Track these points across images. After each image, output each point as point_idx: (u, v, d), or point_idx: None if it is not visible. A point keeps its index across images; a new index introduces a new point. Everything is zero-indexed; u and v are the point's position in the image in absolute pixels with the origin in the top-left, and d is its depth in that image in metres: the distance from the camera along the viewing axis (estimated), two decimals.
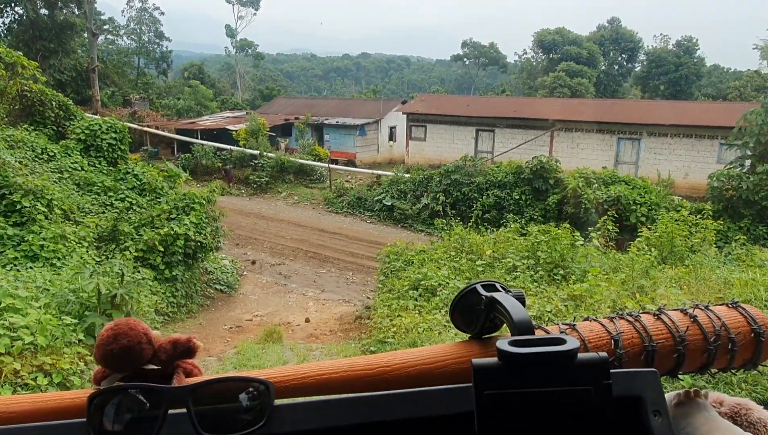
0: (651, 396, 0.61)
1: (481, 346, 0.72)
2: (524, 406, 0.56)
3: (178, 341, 0.71)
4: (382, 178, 24.21)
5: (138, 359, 0.69)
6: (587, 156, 23.62)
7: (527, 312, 0.64)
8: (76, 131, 14.42)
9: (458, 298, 0.73)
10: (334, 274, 15.97)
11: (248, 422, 0.61)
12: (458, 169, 20.57)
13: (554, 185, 19.48)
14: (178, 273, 10.23)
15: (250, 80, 69.63)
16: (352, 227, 20.93)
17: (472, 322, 0.73)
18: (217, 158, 27.39)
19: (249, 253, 17.56)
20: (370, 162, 30.37)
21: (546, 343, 0.58)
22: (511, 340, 0.58)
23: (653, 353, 0.72)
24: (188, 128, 31.46)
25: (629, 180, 18.38)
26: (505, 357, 0.57)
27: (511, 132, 25.76)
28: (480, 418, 0.56)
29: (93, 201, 11.53)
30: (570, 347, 0.57)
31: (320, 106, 34.35)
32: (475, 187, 20.20)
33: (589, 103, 27.98)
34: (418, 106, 28.81)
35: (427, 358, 0.71)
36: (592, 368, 0.56)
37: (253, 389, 0.63)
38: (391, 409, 0.63)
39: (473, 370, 0.57)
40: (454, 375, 0.69)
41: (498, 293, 0.69)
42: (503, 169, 20.63)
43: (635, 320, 0.75)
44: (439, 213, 20.96)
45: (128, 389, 0.62)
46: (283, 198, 25.18)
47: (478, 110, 27.03)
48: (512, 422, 0.56)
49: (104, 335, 0.69)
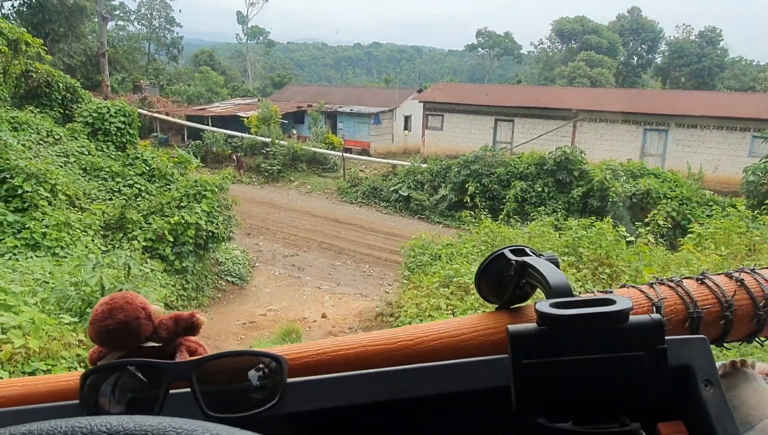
0: (701, 365, 0.55)
1: (510, 317, 0.66)
2: (568, 375, 0.49)
3: (180, 317, 0.66)
4: (397, 168, 23.50)
5: (136, 336, 0.63)
6: (611, 147, 22.77)
7: (564, 275, 0.56)
8: (84, 114, 13.84)
9: (485, 265, 0.66)
10: (349, 267, 15.32)
11: (259, 401, 0.56)
12: (478, 160, 19.80)
13: (579, 177, 18.69)
14: (188, 264, 9.59)
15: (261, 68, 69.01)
16: (367, 218, 20.27)
17: (500, 290, 0.66)
18: (228, 145, 26.77)
19: (261, 244, 16.95)
20: (384, 151, 29.65)
21: (592, 304, 0.51)
22: (552, 302, 0.51)
23: (698, 320, 0.65)
24: (199, 115, 30.85)
25: (658, 173, 17.56)
26: (546, 321, 0.50)
27: (531, 122, 24.92)
28: (518, 390, 0.50)
29: (100, 187, 10.90)
30: (621, 307, 0.50)
31: (333, 93, 33.59)
32: (496, 179, 19.44)
33: (613, 92, 27.02)
34: (435, 95, 27.97)
35: (453, 330, 0.65)
36: (645, 332, 0.50)
37: (263, 365, 0.57)
38: (416, 384, 0.58)
39: (510, 337, 0.51)
40: (482, 348, 0.63)
41: (529, 257, 0.61)
42: (525, 159, 19.85)
43: (677, 286, 0.68)
44: (460, 205, 20.28)
45: (125, 366, 0.56)
46: (295, 187, 24.54)
47: (498, 99, 26.17)
48: (554, 394, 0.49)
49: (99, 310, 0.63)
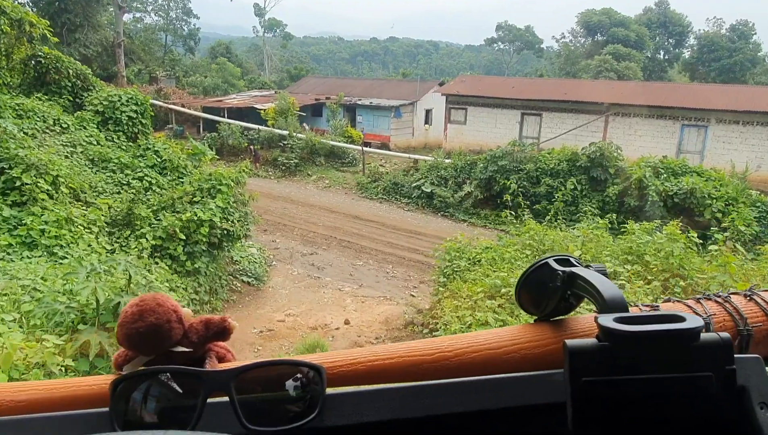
0: (757, 386, 0.51)
1: (554, 330, 0.62)
2: (630, 395, 0.46)
3: (211, 321, 0.64)
4: (419, 163, 22.54)
5: (166, 340, 0.60)
6: (645, 144, 21.58)
7: (618, 287, 0.52)
8: (94, 102, 13.08)
9: (527, 275, 0.63)
10: (372, 267, 14.44)
11: (298, 413, 0.53)
12: (506, 155, 18.77)
13: (614, 175, 17.60)
14: (201, 265, 8.75)
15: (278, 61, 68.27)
16: (389, 215, 19.36)
17: (542, 301, 0.62)
18: (244, 138, 25.99)
19: (278, 241, 16.13)
20: (404, 146, 28.66)
21: (660, 320, 0.48)
22: (617, 317, 0.48)
23: (749, 338, 0.61)
24: (215, 106, 30.10)
25: (701, 171, 16.40)
26: (610, 337, 0.47)
27: (560, 116, 23.78)
28: (576, 409, 0.47)
29: (107, 179, 10.10)
30: (692, 326, 0.47)
31: (352, 86, 32.65)
32: (525, 175, 18.39)
33: (649, 86, 25.75)
34: (458, 87, 26.88)
35: (493, 343, 0.62)
36: (714, 351, 0.47)
37: (301, 375, 0.55)
38: (462, 398, 0.55)
39: (568, 353, 0.48)
40: (523, 361, 0.60)
41: (577, 268, 0.58)
42: (556, 155, 18.77)
43: (725, 301, 0.65)
44: (486, 202, 19.28)
45: (159, 373, 0.53)
46: (313, 181, 23.70)
47: (524, 92, 25.03)
48: (615, 414, 0.46)
49: (129, 312, 0.61)
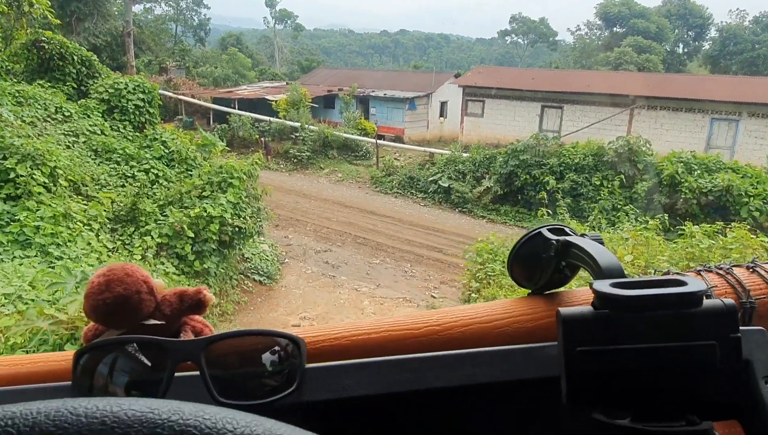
0: (761, 359, 0.49)
1: (548, 302, 0.60)
2: (629, 366, 0.43)
3: (186, 293, 0.61)
4: (435, 157, 21.78)
5: (136, 312, 0.58)
6: (673, 138, 20.69)
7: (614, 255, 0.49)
8: (99, 90, 12.42)
9: (519, 245, 0.60)
10: (389, 266, 13.74)
11: (275, 387, 0.50)
12: (528, 149, 17.96)
13: (643, 171, 16.76)
14: (210, 265, 8.10)
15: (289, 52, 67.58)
16: (405, 210, 18.64)
17: (536, 273, 0.60)
18: (255, 130, 25.33)
19: (290, 237, 15.46)
20: (418, 139, 27.90)
21: (660, 284, 0.44)
22: (613, 282, 0.45)
23: (752, 311, 0.61)
24: (225, 97, 29.47)
25: (737, 167, 15.53)
26: (607, 302, 0.44)
27: (582, 109, 22.90)
28: (570, 381, 0.44)
29: (111, 171, 9.45)
30: (695, 289, 0.43)
31: (365, 77, 31.86)
32: (548, 170, 17.59)
33: (675, 78, 24.80)
34: (476, 79, 26.04)
35: (484, 316, 0.60)
36: (718, 319, 0.44)
37: (279, 348, 0.52)
38: (449, 372, 0.52)
39: (561, 322, 0.45)
40: (516, 335, 0.58)
41: (572, 237, 0.56)
42: (581, 149, 17.94)
43: (727, 273, 0.64)
44: (505, 198, 18.51)
45: (124, 343, 0.51)
46: (325, 175, 23.01)
47: (545, 84, 24.16)
48: (613, 386, 0.44)
49: (95, 282, 0.57)
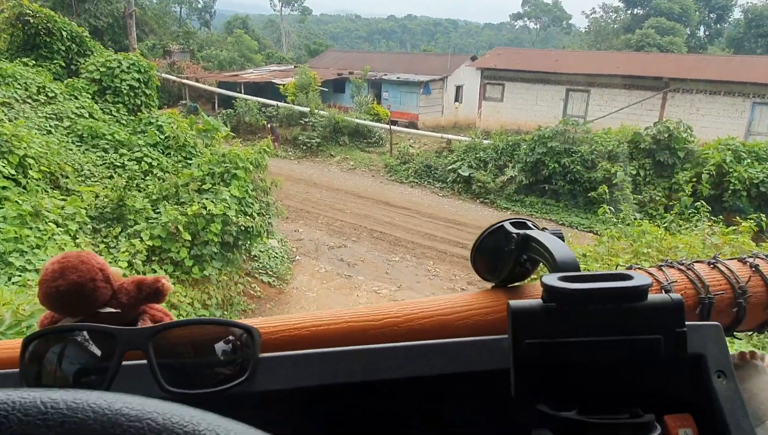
0: (714, 354, 0.52)
1: (508, 295, 0.62)
2: (575, 358, 0.45)
3: (144, 282, 0.61)
4: (453, 144, 20.45)
5: (91, 300, 0.58)
6: (709, 124, 19.25)
7: (571, 250, 0.51)
8: (90, 69, 11.18)
9: (482, 238, 0.61)
10: (410, 264, 12.51)
11: (227, 376, 0.50)
12: (557, 135, 16.59)
13: (684, 159, 15.40)
14: (211, 272, 6.87)
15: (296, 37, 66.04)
16: (423, 201, 17.36)
17: (498, 266, 0.61)
18: (262, 115, 24.04)
19: (301, 231, 14.25)
20: (432, 125, 26.52)
21: (605, 278, 0.46)
22: (561, 276, 0.46)
23: (710, 306, 0.61)
24: (231, 81, 28.15)
25: None
26: (554, 295, 0.45)
27: (610, 93, 21.45)
28: (518, 373, 0.45)
29: (98, 160, 8.26)
30: (639, 283, 0.45)
31: (377, 60, 30.42)
32: (579, 159, 16.24)
33: (714, 59, 23.25)
34: (495, 61, 24.57)
35: (445, 308, 0.61)
36: (663, 313, 0.45)
37: (233, 337, 0.52)
38: (404, 364, 0.53)
39: (510, 314, 0.46)
40: (476, 327, 0.59)
41: (532, 230, 0.57)
42: (614, 136, 16.58)
43: (688, 269, 0.65)
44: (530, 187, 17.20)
45: (72, 331, 0.51)
46: (336, 162, 21.73)
47: (570, 66, 22.68)
48: (559, 378, 0.45)
49: (49, 269, 0.57)
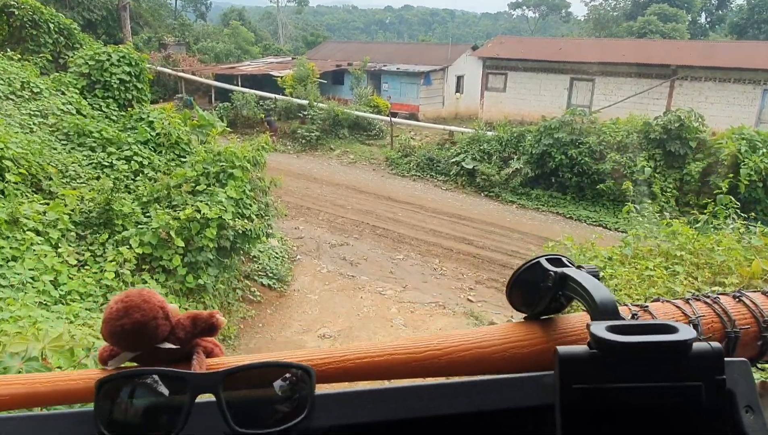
0: (742, 389, 0.52)
1: (543, 329, 0.63)
2: (620, 404, 0.47)
3: (199, 317, 0.63)
4: (456, 136, 19.95)
5: (153, 337, 0.60)
6: (719, 112, 18.76)
7: (609, 291, 0.53)
8: (78, 62, 10.65)
9: (518, 274, 0.63)
10: (415, 262, 12.05)
11: (287, 414, 0.53)
12: (564, 126, 16.09)
13: (696, 149, 14.91)
14: (207, 280, 6.40)
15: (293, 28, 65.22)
16: (426, 195, 16.89)
17: (534, 301, 0.63)
18: (260, 108, 23.49)
19: (301, 228, 13.79)
20: (433, 116, 25.99)
21: (652, 330, 0.48)
22: (609, 326, 0.48)
23: (736, 340, 0.62)
24: (227, 73, 27.56)
25: None
26: (602, 346, 0.47)
27: (616, 81, 20.93)
28: (565, 416, 0.48)
29: (85, 159, 7.76)
30: (685, 337, 0.47)
31: (375, 51, 29.80)
32: (587, 150, 15.75)
33: (721, 46, 22.69)
34: (497, 50, 23.98)
35: (483, 341, 0.62)
36: (705, 361, 0.47)
37: (291, 375, 0.55)
38: (452, 400, 0.56)
39: (559, 360, 0.49)
40: (514, 361, 0.61)
41: (569, 269, 0.59)
42: (622, 126, 16.08)
43: (714, 303, 0.66)
44: (536, 180, 16.72)
45: (146, 374, 0.53)
46: (336, 156, 21.24)
47: (574, 54, 22.12)
48: (604, 422, 0.47)
49: (113, 308, 0.60)
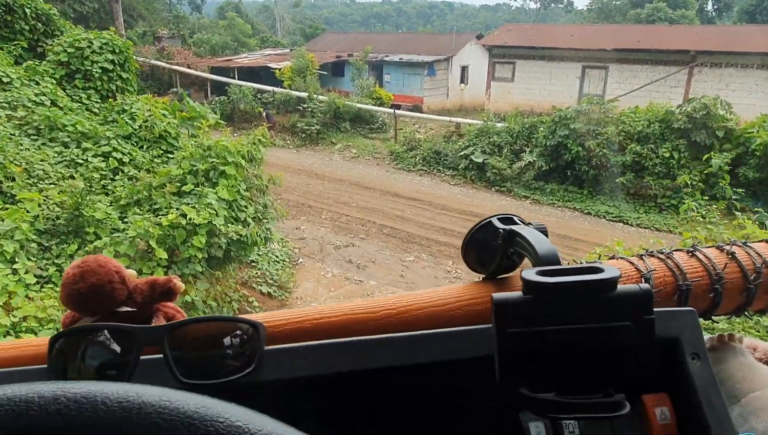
0: (689, 337, 0.56)
1: (496, 287, 0.66)
2: (553, 345, 0.49)
3: (157, 282, 0.65)
4: (463, 128, 19.01)
5: (109, 300, 0.62)
6: (740, 100, 17.77)
7: (552, 244, 0.55)
8: (56, 50, 9.71)
9: (472, 233, 0.65)
10: (426, 264, 11.14)
11: (235, 368, 0.55)
12: (581, 115, 15.14)
13: (723, 139, 13.98)
14: (195, 297, 5.49)
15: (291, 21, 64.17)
16: (434, 191, 15.95)
17: (487, 260, 0.65)
18: (258, 102, 22.53)
19: (303, 228, 12.87)
20: (437, 108, 25.04)
21: (580, 271, 0.50)
22: (539, 270, 0.51)
23: (687, 293, 0.66)
24: (224, 66, 26.58)
25: None
26: (532, 288, 0.50)
27: (631, 69, 19.96)
28: (501, 359, 0.50)
29: (56, 157, 6.83)
30: (609, 275, 0.49)
31: (376, 41, 28.79)
32: (605, 141, 14.80)
33: (743, 30, 21.68)
34: (505, 38, 22.98)
35: (437, 300, 0.65)
36: (633, 302, 0.49)
37: (240, 332, 0.56)
38: (398, 353, 0.58)
39: (494, 305, 0.50)
40: (467, 318, 0.63)
41: (517, 226, 0.61)
42: (642, 115, 15.14)
43: (667, 258, 0.69)
44: (549, 174, 15.80)
45: (95, 330, 0.55)
46: (338, 150, 20.29)
47: (587, 41, 21.14)
48: (538, 363, 0.50)
49: (70, 273, 0.62)
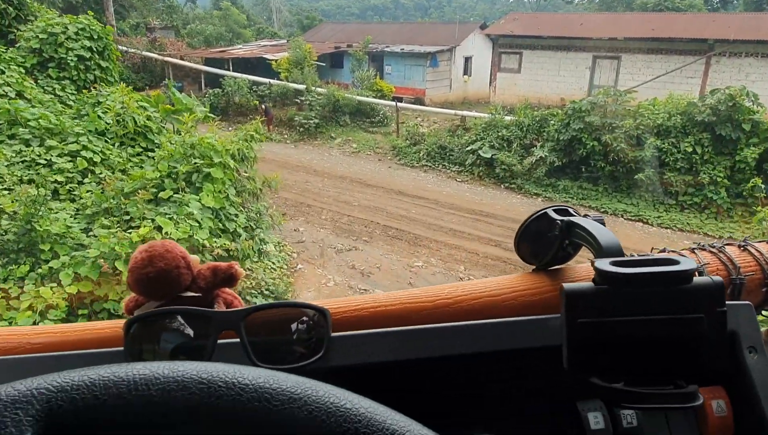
0: (746, 331, 0.56)
1: (551, 278, 0.65)
2: (624, 335, 0.48)
3: (219, 268, 0.65)
4: (468, 121, 18.09)
5: (175, 285, 0.62)
6: (761, 91, 16.75)
7: (614, 234, 0.54)
8: (27, 36, 8.74)
9: (526, 224, 0.64)
10: (436, 270, 10.25)
11: (304, 353, 0.56)
12: (596, 108, 14.23)
13: (750, 133, 13.09)
14: None
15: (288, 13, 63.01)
16: (440, 189, 15.06)
17: (541, 251, 0.64)
18: (254, 95, 21.57)
19: (302, 229, 11.97)
20: (440, 101, 24.09)
21: (653, 263, 0.49)
22: (613, 261, 0.49)
23: (741, 286, 0.65)
24: (218, 57, 25.57)
25: None
26: (606, 279, 0.48)
27: (644, 59, 19.02)
28: (571, 349, 0.48)
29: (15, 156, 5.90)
30: (686, 267, 0.48)
31: (377, 31, 27.76)
32: (623, 135, 13.90)
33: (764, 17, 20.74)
34: (511, 27, 22.01)
35: (493, 290, 0.64)
36: (706, 294, 0.48)
37: (307, 318, 0.57)
38: (460, 341, 0.58)
39: (565, 296, 0.49)
40: (521, 308, 0.63)
41: (575, 217, 0.60)
42: (661, 108, 14.24)
43: (719, 252, 0.68)
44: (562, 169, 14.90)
45: (172, 314, 0.55)
46: (338, 145, 19.37)
47: (598, 30, 20.18)
48: (608, 355, 0.48)
49: (138, 258, 0.61)
